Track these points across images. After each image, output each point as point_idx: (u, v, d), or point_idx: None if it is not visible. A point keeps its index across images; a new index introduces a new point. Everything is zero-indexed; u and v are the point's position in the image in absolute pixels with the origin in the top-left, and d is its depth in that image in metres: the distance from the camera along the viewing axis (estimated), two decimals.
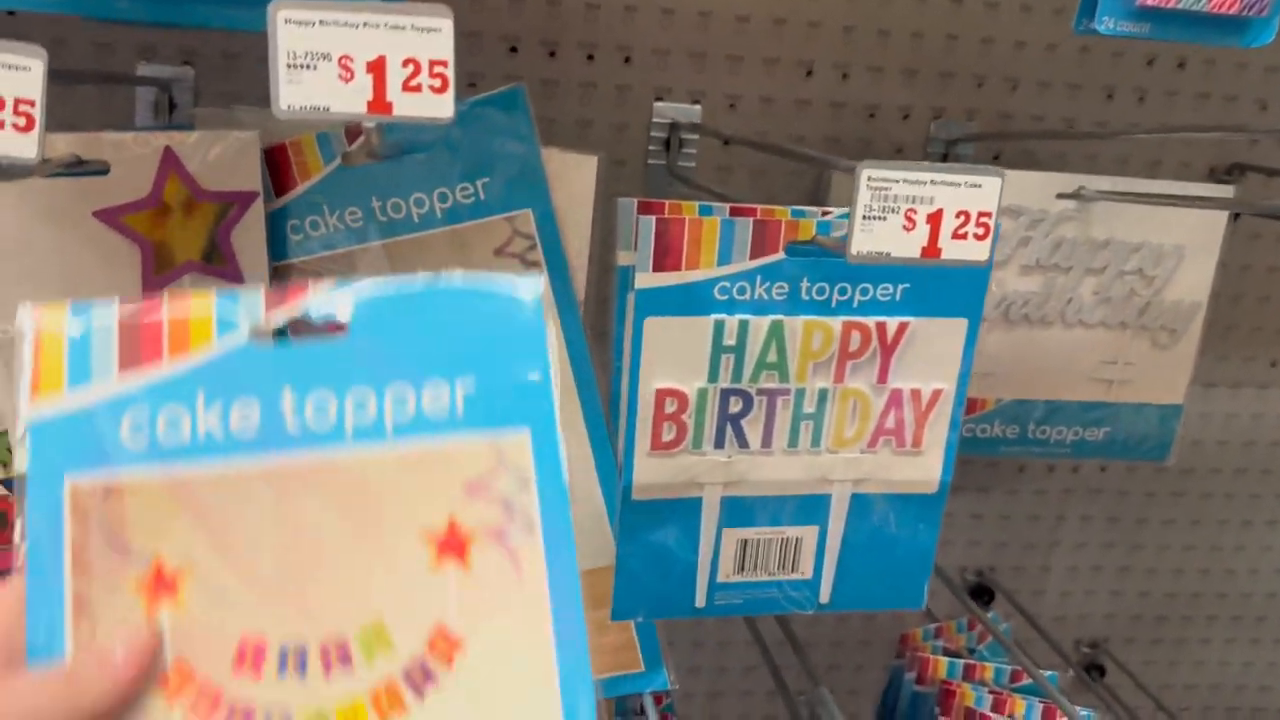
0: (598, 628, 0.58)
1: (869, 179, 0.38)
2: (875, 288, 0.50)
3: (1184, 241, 0.66)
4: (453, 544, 0.34)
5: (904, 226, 0.39)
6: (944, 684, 0.65)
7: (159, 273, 0.50)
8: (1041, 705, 0.64)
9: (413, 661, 0.34)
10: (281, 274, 0.48)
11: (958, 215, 0.40)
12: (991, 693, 0.64)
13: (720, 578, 0.55)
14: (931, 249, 0.39)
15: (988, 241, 0.40)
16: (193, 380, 0.34)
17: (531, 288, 0.35)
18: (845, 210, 0.50)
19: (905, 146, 0.79)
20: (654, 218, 0.48)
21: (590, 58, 0.73)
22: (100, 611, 0.33)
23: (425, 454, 0.34)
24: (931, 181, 0.39)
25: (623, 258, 0.53)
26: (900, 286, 0.51)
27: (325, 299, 0.35)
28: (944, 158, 0.79)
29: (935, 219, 0.39)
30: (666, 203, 0.52)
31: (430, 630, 0.34)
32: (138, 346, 0.34)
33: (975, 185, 0.39)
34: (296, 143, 0.45)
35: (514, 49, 0.72)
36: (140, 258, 0.50)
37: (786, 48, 0.75)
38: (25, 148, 0.33)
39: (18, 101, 0.33)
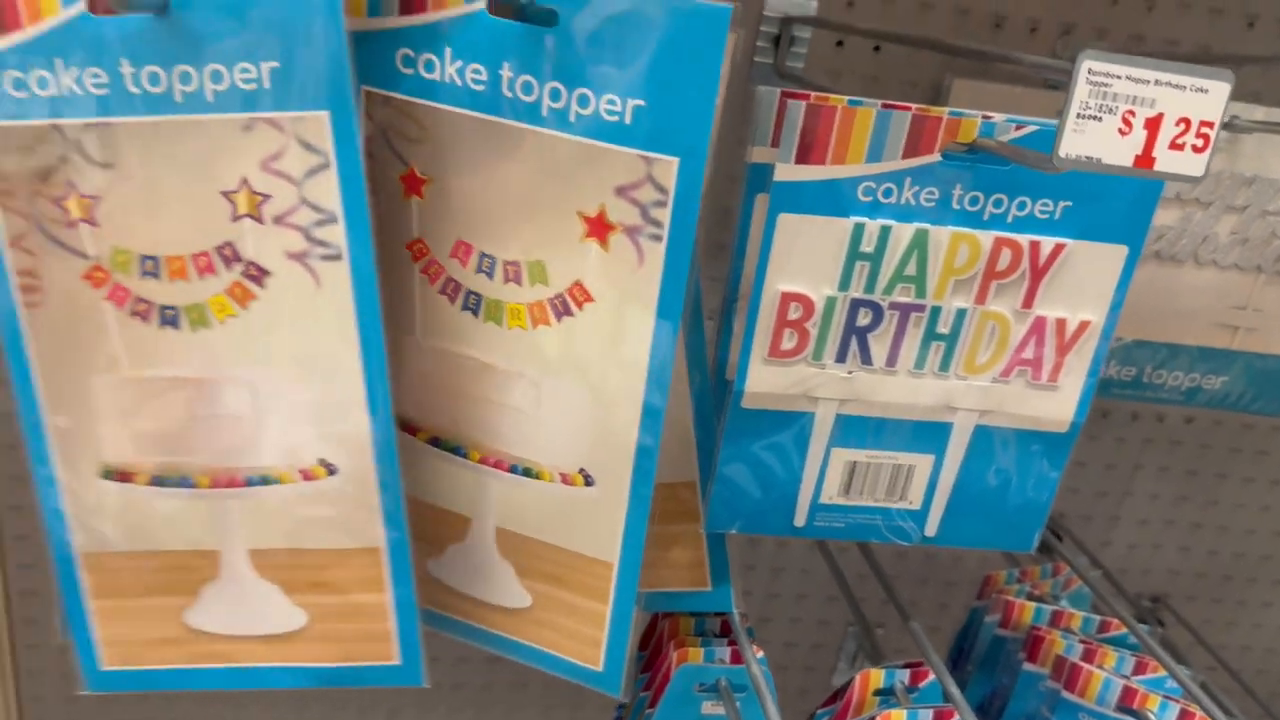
0: (670, 541, 0.56)
1: (1090, 70, 0.34)
2: (1034, 202, 0.46)
3: None
4: (598, 227, 0.44)
5: (1120, 130, 0.35)
6: (1033, 629, 0.63)
7: None
8: (1134, 659, 0.61)
9: (557, 296, 0.46)
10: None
11: (1178, 123, 0.35)
12: (1081, 642, 0.62)
13: (823, 498, 0.52)
14: (1145, 158, 0.35)
15: (1205, 155, 0.36)
16: (447, 32, 0.42)
17: (722, 22, 0.40)
18: (1010, 117, 0.45)
19: None
20: (803, 102, 0.44)
21: None
22: (378, 179, 0.45)
23: (591, 151, 0.42)
24: (1156, 81, 0.34)
25: (756, 154, 0.49)
26: (1061, 204, 0.46)
27: None
28: None
29: (1154, 124, 0.35)
30: (812, 92, 0.47)
31: (572, 282, 0.45)
32: None
33: (1202, 90, 0.35)
34: None
35: None
36: None
37: None
38: None
39: None
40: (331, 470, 0.47)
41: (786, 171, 0.45)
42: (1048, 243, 0.47)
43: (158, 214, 0.43)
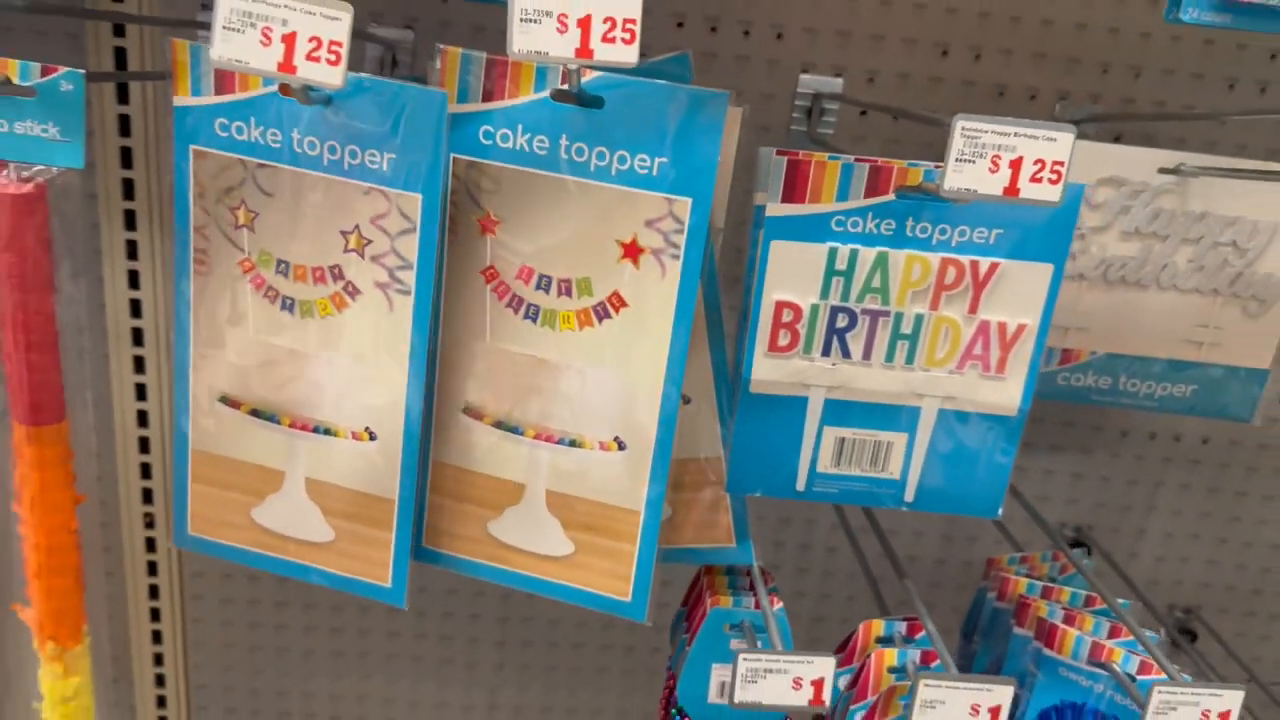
0: (701, 506, 0.70)
1: (962, 128, 0.48)
2: (972, 230, 0.59)
3: (1278, 219, 0.72)
4: (632, 250, 0.60)
5: (989, 169, 0.48)
6: (1021, 599, 0.73)
7: None
8: (1109, 624, 0.71)
9: (599, 304, 0.61)
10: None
11: (1035, 162, 0.48)
12: (1064, 609, 0.72)
13: (819, 468, 0.65)
14: (1011, 189, 0.48)
15: (1059, 186, 0.49)
16: (519, 113, 0.58)
17: (721, 103, 0.56)
18: None
19: None
20: (786, 158, 0.58)
21: (746, 34, 0.84)
22: (460, 222, 0.62)
23: (627, 195, 0.59)
24: (1015, 134, 0.48)
25: (759, 198, 0.63)
26: (994, 231, 0.59)
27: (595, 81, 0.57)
28: None
29: (1016, 164, 0.48)
30: (800, 151, 0.62)
31: (611, 292, 0.61)
32: (494, 84, 0.58)
33: (1051, 139, 0.48)
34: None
35: (680, 24, 0.83)
36: None
37: (925, 29, 0.83)
38: (333, 76, 0.46)
39: (331, 43, 0.46)
40: (373, 436, 0.65)
41: (776, 209, 0.59)
42: (985, 262, 0.60)
43: (295, 235, 0.61)
